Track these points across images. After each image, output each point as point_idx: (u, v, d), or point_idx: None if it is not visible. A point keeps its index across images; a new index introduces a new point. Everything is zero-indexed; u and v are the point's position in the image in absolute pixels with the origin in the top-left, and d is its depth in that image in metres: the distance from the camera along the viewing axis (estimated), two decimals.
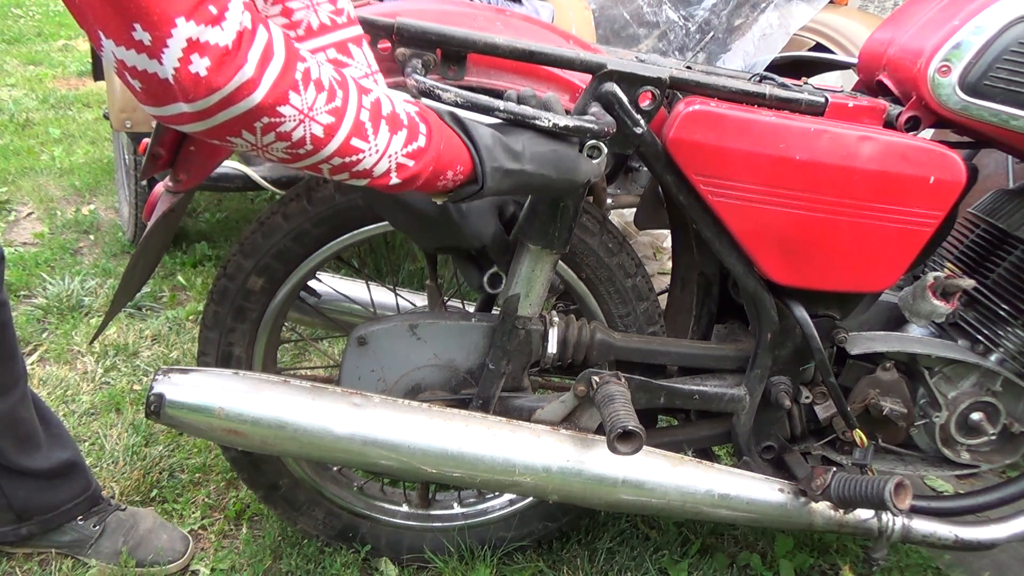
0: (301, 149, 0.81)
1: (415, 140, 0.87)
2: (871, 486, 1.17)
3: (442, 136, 0.90)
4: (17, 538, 1.43)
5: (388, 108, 0.86)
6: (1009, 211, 1.41)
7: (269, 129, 0.77)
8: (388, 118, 0.85)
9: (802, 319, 1.26)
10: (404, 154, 0.87)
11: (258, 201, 3.09)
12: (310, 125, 0.79)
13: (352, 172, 0.86)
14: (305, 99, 0.77)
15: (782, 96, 1.17)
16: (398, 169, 0.87)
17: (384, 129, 0.85)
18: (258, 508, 1.61)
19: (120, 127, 2.13)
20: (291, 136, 0.79)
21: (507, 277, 1.22)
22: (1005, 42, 1.14)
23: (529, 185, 0.98)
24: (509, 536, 1.51)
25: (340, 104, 0.81)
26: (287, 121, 0.77)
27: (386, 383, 1.28)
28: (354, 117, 0.82)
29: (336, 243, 1.23)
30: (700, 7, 2.79)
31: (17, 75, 4.63)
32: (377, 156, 0.85)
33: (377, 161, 0.85)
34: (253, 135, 0.78)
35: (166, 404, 1.11)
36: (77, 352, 2.08)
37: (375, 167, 0.86)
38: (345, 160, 0.84)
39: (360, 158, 0.84)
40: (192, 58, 0.69)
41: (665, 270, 2.90)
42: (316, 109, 0.78)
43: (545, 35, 1.21)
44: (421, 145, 0.88)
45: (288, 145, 0.80)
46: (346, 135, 0.82)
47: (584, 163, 1.02)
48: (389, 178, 0.87)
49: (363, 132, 0.83)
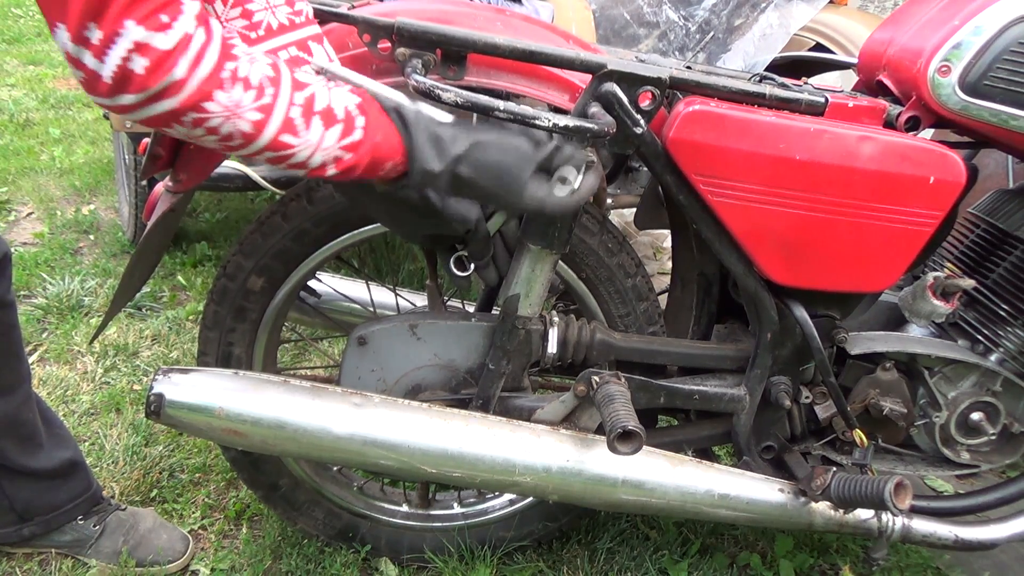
0: (231, 142, 0.85)
1: (351, 134, 0.90)
2: (871, 486, 1.17)
3: (380, 128, 0.93)
4: (19, 538, 1.43)
5: (323, 103, 0.89)
6: (1009, 211, 1.41)
7: (198, 124, 0.82)
8: (322, 113, 0.88)
9: (802, 319, 1.26)
10: (340, 147, 0.90)
11: (258, 201, 3.09)
12: (236, 122, 0.83)
13: (288, 164, 0.89)
14: (231, 97, 0.81)
15: (782, 96, 1.17)
16: (335, 162, 0.91)
17: (317, 124, 0.88)
18: (258, 508, 1.61)
19: (120, 127, 2.13)
20: (219, 131, 0.83)
21: (507, 277, 1.22)
22: (1005, 42, 1.14)
23: (469, 189, 0.99)
24: (509, 536, 1.51)
25: (269, 101, 0.84)
26: (213, 117, 0.81)
27: (386, 383, 1.28)
28: (283, 114, 0.85)
29: (336, 243, 1.23)
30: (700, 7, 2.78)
31: (17, 75, 4.63)
32: (310, 150, 0.88)
33: (311, 154, 0.89)
34: (184, 128, 0.83)
35: (166, 404, 1.11)
36: (77, 352, 2.08)
37: (309, 159, 0.89)
38: (278, 154, 0.88)
39: (292, 152, 0.88)
40: (133, 56, 0.74)
41: (665, 270, 2.90)
42: (243, 107, 0.82)
43: (545, 35, 1.21)
44: (357, 138, 0.91)
45: (218, 138, 0.84)
46: (275, 131, 0.85)
47: (536, 187, 1.00)
48: (326, 170, 0.91)
49: (293, 128, 0.86)
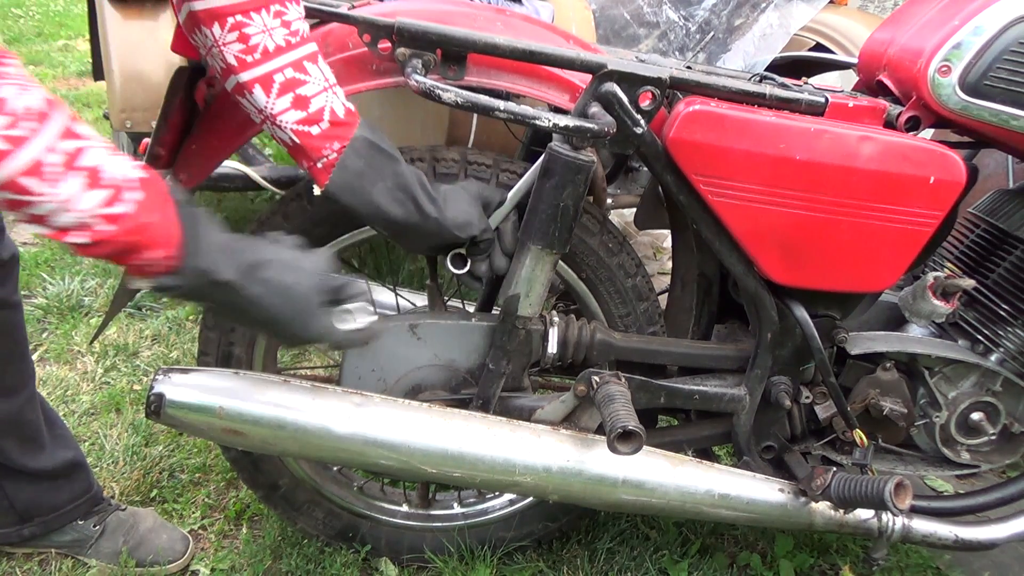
0: None
1: (117, 203, 0.80)
2: (871, 486, 1.17)
3: (158, 211, 0.85)
4: (19, 539, 1.43)
5: (91, 161, 0.79)
6: (1009, 211, 1.41)
7: None
8: (88, 171, 0.78)
9: (802, 319, 1.26)
10: (100, 215, 0.79)
11: (258, 201, 3.09)
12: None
13: (29, 215, 0.78)
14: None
15: (782, 96, 1.17)
16: (86, 229, 0.79)
17: (75, 182, 0.78)
18: (258, 508, 1.61)
19: (120, 127, 2.13)
20: None
21: (507, 277, 1.22)
22: (1005, 42, 1.14)
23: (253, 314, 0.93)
24: (509, 536, 1.51)
25: (24, 134, 0.74)
26: None
27: (386, 383, 1.28)
28: (35, 154, 0.75)
29: (336, 243, 1.23)
30: (700, 7, 2.78)
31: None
32: (56, 206, 0.77)
33: (56, 211, 0.78)
34: None
35: (166, 404, 1.11)
36: (77, 352, 2.08)
37: (53, 217, 0.78)
38: (15, 197, 0.76)
39: (33, 200, 0.76)
40: None
41: (665, 270, 2.90)
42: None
43: (545, 35, 1.21)
44: (123, 211, 0.81)
45: None
46: (18, 169, 0.74)
47: (324, 317, 0.98)
48: (73, 235, 0.80)
49: (42, 173, 0.75)
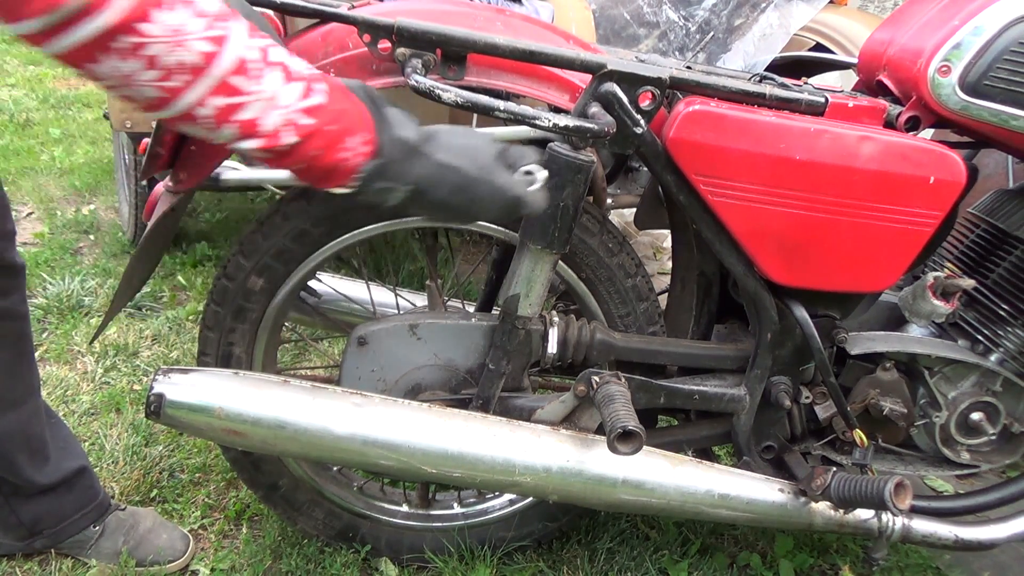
0: (172, 80, 0.70)
1: (312, 94, 0.78)
2: (871, 486, 1.17)
3: (345, 97, 0.83)
4: (30, 551, 1.43)
5: (280, 56, 0.77)
6: (1009, 211, 1.41)
7: (131, 52, 0.67)
8: (281, 65, 0.76)
9: (802, 319, 1.26)
10: (300, 108, 0.77)
11: (258, 201, 3.09)
12: (181, 51, 0.69)
13: (237, 123, 0.75)
14: (175, 18, 0.68)
15: (782, 96, 1.17)
16: (294, 127, 0.77)
17: (275, 75, 0.75)
18: (258, 508, 1.61)
19: (120, 127, 2.13)
20: (158, 61, 0.69)
21: (507, 277, 1.22)
22: (1005, 42, 1.14)
23: (445, 179, 0.88)
24: (509, 536, 1.51)
25: (222, 33, 0.71)
26: (152, 43, 0.67)
27: (386, 383, 1.28)
28: (238, 52, 0.72)
29: (336, 243, 1.23)
30: (700, 7, 2.78)
31: (17, 75, 4.63)
32: (264, 104, 0.75)
33: (265, 110, 0.75)
34: (114, 60, 0.68)
35: (166, 404, 1.11)
36: (77, 352, 2.08)
37: (264, 118, 0.76)
38: (226, 102, 0.73)
39: (244, 101, 0.74)
40: None
41: (665, 270, 2.90)
42: (190, 33, 0.69)
43: (545, 35, 1.21)
44: (321, 101, 0.79)
45: (157, 77, 0.70)
46: (228, 68, 0.72)
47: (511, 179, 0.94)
48: (283, 137, 0.77)
49: (247, 71, 0.73)
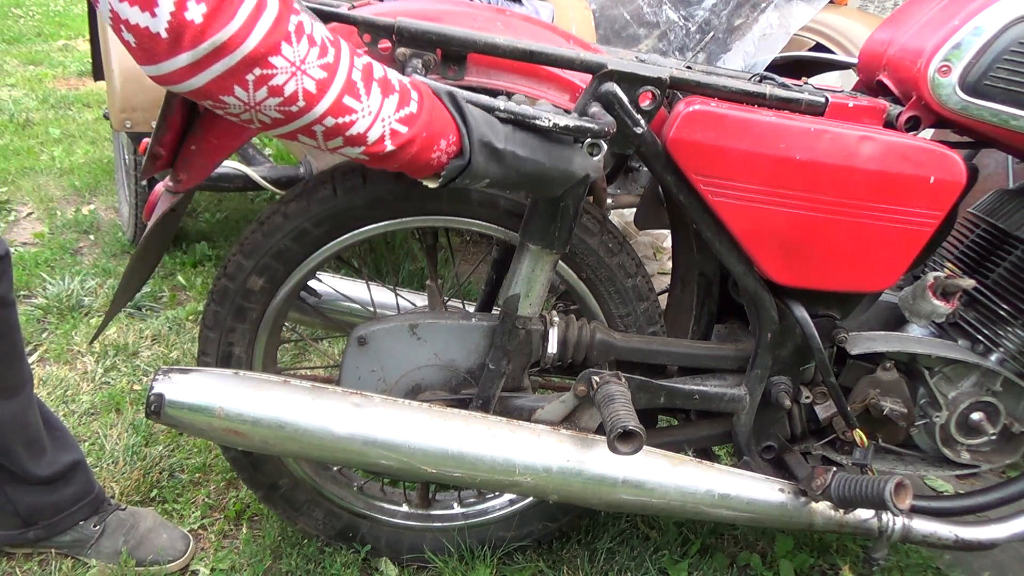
0: (293, 106, 0.80)
1: (407, 105, 0.87)
2: (871, 486, 1.17)
3: (433, 105, 0.91)
4: (25, 541, 1.43)
5: (380, 72, 0.87)
6: (1009, 211, 1.41)
7: (262, 83, 0.77)
8: (380, 81, 0.86)
9: (802, 319, 1.26)
10: (397, 119, 0.87)
11: (258, 201, 3.09)
12: (302, 79, 0.79)
13: (346, 137, 0.85)
14: (297, 51, 0.77)
15: (782, 96, 1.17)
16: (392, 135, 0.87)
17: (376, 91, 0.85)
18: (258, 508, 1.61)
19: (120, 127, 2.13)
20: (283, 90, 0.78)
21: (507, 277, 1.22)
22: (1005, 42, 1.14)
23: (522, 172, 0.97)
24: (509, 536, 1.51)
25: (332, 61, 0.80)
26: (279, 74, 0.77)
27: (386, 383, 1.28)
28: (346, 75, 0.82)
29: (336, 243, 1.23)
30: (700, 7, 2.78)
31: (17, 75, 4.63)
32: (371, 118, 0.85)
33: (371, 124, 0.85)
34: (246, 91, 0.77)
35: (166, 404, 1.11)
36: (77, 352, 2.08)
37: (369, 131, 0.85)
38: (339, 121, 0.83)
39: (353, 119, 0.84)
40: (188, 5, 0.70)
41: (665, 270, 2.90)
42: (308, 63, 0.78)
43: (545, 35, 1.21)
44: (413, 111, 0.88)
45: (280, 102, 0.79)
46: (339, 92, 0.81)
47: (580, 156, 1.03)
48: (384, 145, 0.87)
49: (355, 91, 0.83)
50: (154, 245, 1.22)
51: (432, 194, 1.18)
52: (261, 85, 0.77)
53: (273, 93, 0.79)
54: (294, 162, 2.45)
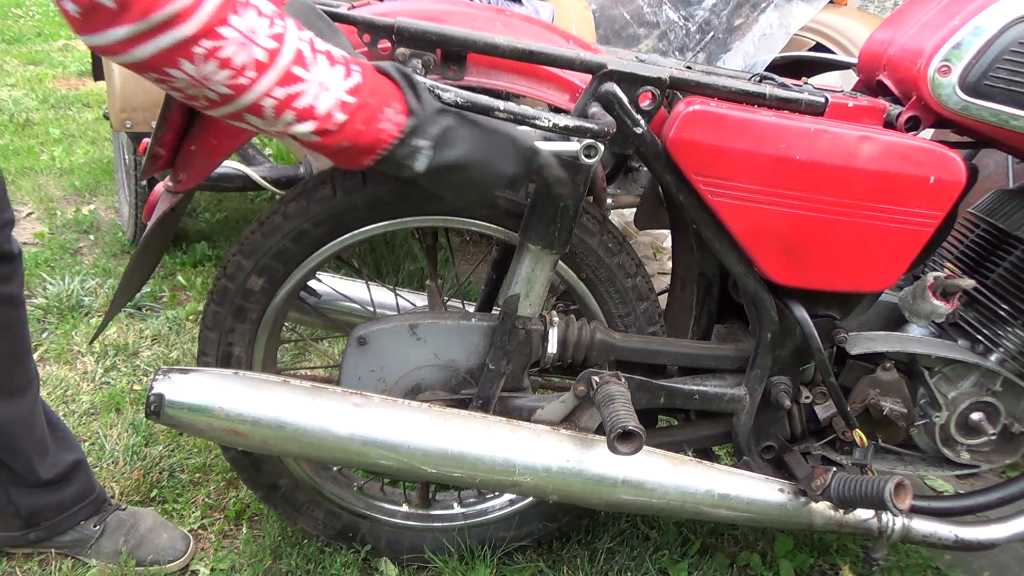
0: (242, 78, 0.79)
1: (351, 76, 0.87)
2: (871, 486, 1.17)
3: (376, 76, 0.91)
4: (26, 542, 1.43)
5: (323, 45, 0.87)
6: (1009, 211, 1.41)
7: (210, 55, 0.76)
8: (325, 53, 0.85)
9: (802, 319, 1.26)
10: (345, 89, 0.86)
11: (258, 201, 3.09)
12: (252, 49, 0.78)
13: (296, 110, 0.84)
14: (246, 21, 0.77)
15: (782, 96, 1.17)
16: (341, 106, 0.86)
17: (323, 61, 0.84)
18: (258, 508, 1.61)
19: (120, 127, 2.13)
20: (232, 62, 0.77)
21: (507, 277, 1.22)
22: (1005, 42, 1.14)
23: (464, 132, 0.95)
24: (509, 536, 1.51)
25: (280, 31, 0.80)
26: (228, 45, 0.76)
27: (386, 383, 1.28)
28: (295, 46, 0.81)
29: (336, 243, 1.23)
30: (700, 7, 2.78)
31: (17, 75, 4.63)
32: (319, 89, 0.84)
33: (318, 95, 0.84)
34: (193, 64, 0.76)
35: (166, 404, 1.11)
36: (77, 352, 2.08)
37: (318, 102, 0.84)
38: (288, 91, 0.82)
39: (302, 89, 0.83)
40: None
41: (665, 270, 2.90)
42: (258, 33, 0.78)
43: (545, 35, 1.21)
44: (359, 81, 0.88)
45: (230, 75, 0.78)
46: (288, 61, 0.81)
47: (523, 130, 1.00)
48: (334, 117, 0.86)
49: (303, 61, 0.82)
50: (154, 245, 1.22)
51: (432, 194, 1.18)
52: (209, 58, 0.76)
53: (223, 65, 0.77)
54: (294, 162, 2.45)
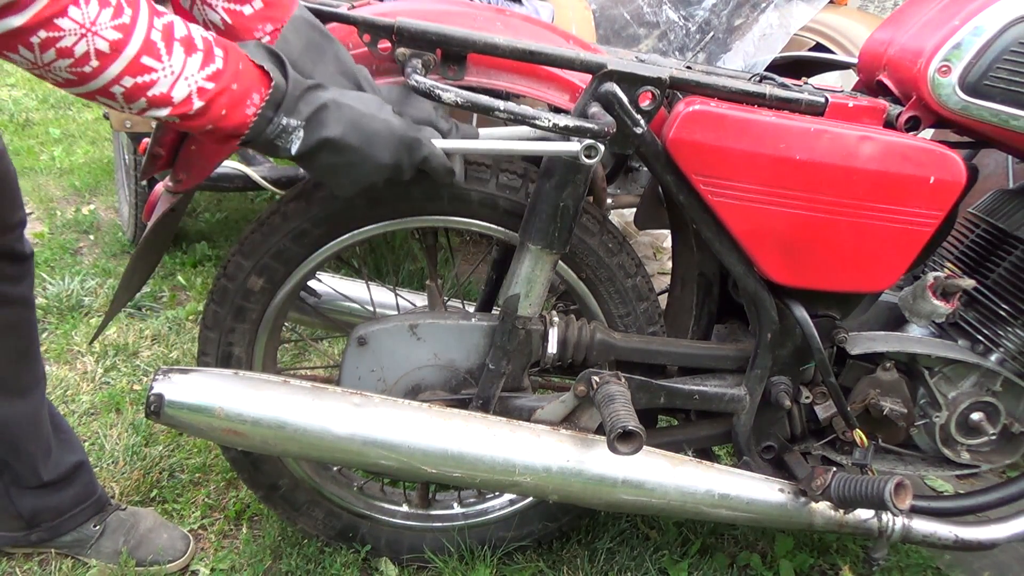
0: (86, 66, 0.79)
1: (212, 62, 0.87)
2: (871, 486, 1.17)
3: (240, 59, 0.90)
4: (27, 544, 1.43)
5: (182, 31, 0.86)
6: (1009, 211, 1.41)
7: (49, 45, 0.76)
8: (182, 40, 0.85)
9: (802, 319, 1.26)
10: (203, 76, 0.86)
11: (258, 201, 3.09)
12: (94, 40, 0.77)
13: (149, 98, 0.84)
14: (87, 13, 0.76)
15: (782, 96, 1.17)
16: (199, 92, 0.86)
17: (178, 50, 0.84)
18: (258, 508, 1.61)
19: (120, 127, 2.13)
20: (73, 52, 0.77)
21: (507, 277, 1.22)
22: (1005, 42, 1.14)
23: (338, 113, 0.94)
24: (509, 536, 1.51)
25: (128, 21, 0.80)
26: (67, 36, 0.76)
27: (386, 383, 1.28)
28: (144, 35, 0.81)
29: (336, 243, 1.23)
30: (700, 7, 2.78)
31: (17, 75, 4.63)
32: (173, 78, 0.84)
33: (174, 83, 0.85)
34: (32, 52, 0.76)
35: (166, 404, 1.11)
36: (77, 352, 2.08)
37: (173, 90, 0.85)
38: (138, 81, 0.82)
39: (154, 78, 0.83)
40: None
41: (665, 270, 2.90)
42: (100, 24, 0.77)
43: (545, 35, 1.21)
44: (219, 67, 0.87)
45: (71, 63, 0.78)
46: (136, 52, 0.81)
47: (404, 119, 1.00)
48: (191, 103, 0.86)
49: (155, 51, 0.82)
50: (154, 245, 1.22)
51: (432, 194, 1.18)
52: (48, 47, 0.76)
53: (62, 55, 0.77)
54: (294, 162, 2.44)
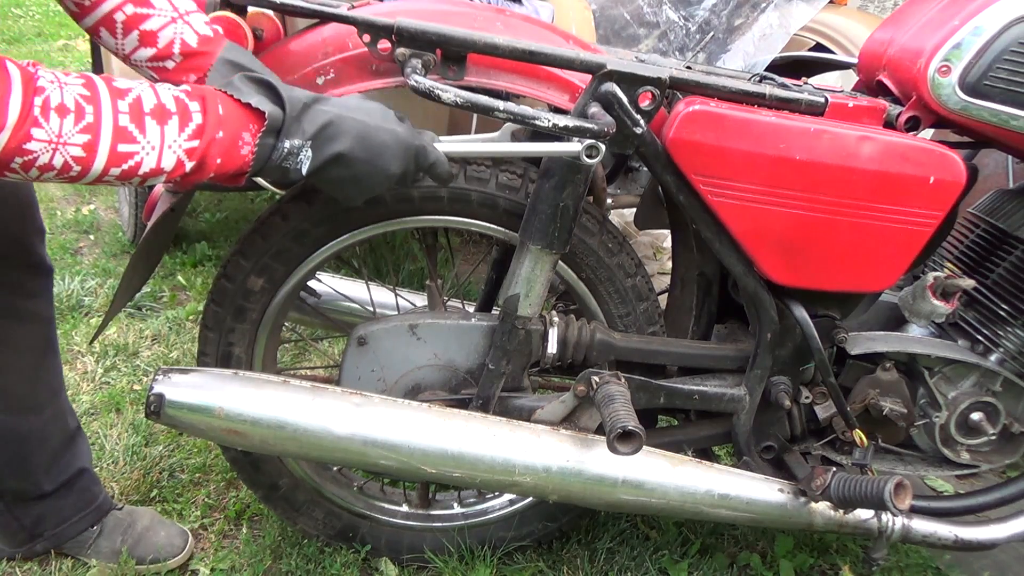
0: (71, 172, 0.83)
1: (189, 120, 0.88)
2: (871, 486, 1.17)
3: (219, 102, 0.90)
4: (32, 554, 1.43)
5: (151, 102, 0.87)
6: (1009, 211, 1.41)
7: (29, 166, 0.80)
8: (153, 112, 0.86)
9: (802, 319, 1.26)
10: (185, 138, 0.87)
11: (258, 201, 3.09)
12: (66, 150, 0.81)
13: (141, 175, 0.86)
14: (51, 128, 0.79)
15: (782, 96, 1.17)
16: (187, 154, 0.88)
17: (151, 124, 0.86)
18: (258, 508, 1.61)
19: None
20: (52, 165, 0.81)
21: (507, 277, 1.22)
22: (1005, 42, 1.14)
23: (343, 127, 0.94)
24: (509, 536, 1.51)
25: (92, 119, 0.82)
26: (40, 155, 0.80)
27: (386, 383, 1.28)
28: (111, 125, 0.83)
29: (336, 243, 1.23)
30: (700, 7, 2.78)
31: None
32: (157, 152, 0.86)
33: (159, 156, 0.86)
34: (18, 174, 0.81)
35: (166, 404, 1.11)
36: (77, 352, 2.08)
37: (160, 163, 0.87)
38: (124, 167, 0.85)
39: (138, 160, 0.85)
40: None
41: (665, 270, 2.90)
42: (66, 134, 0.80)
43: (545, 35, 1.21)
44: (199, 122, 0.88)
45: (56, 173, 0.82)
46: (109, 145, 0.83)
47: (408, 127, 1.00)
48: (184, 167, 0.88)
49: (127, 136, 0.84)
50: (154, 245, 1.22)
51: (432, 194, 1.18)
52: (29, 167, 0.80)
53: (44, 170, 0.81)
54: None
